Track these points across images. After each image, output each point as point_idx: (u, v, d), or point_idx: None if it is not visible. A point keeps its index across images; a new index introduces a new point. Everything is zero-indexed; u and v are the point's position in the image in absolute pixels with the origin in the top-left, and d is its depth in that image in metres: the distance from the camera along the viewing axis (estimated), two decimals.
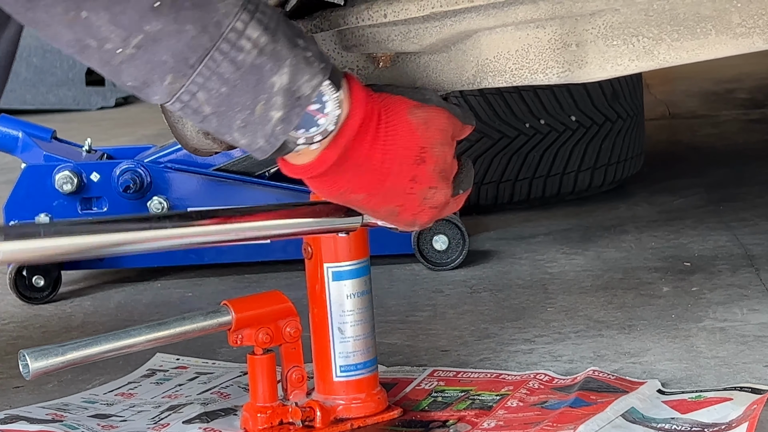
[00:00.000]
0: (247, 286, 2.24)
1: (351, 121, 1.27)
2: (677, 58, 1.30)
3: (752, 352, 1.70)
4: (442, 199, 1.36)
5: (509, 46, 1.34)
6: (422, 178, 1.33)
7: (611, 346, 1.77)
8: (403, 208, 1.34)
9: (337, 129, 1.26)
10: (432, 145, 1.32)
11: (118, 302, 2.21)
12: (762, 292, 1.97)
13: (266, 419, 1.50)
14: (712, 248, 2.26)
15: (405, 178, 1.32)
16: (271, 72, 1.18)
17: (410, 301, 2.08)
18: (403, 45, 1.34)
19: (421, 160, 1.32)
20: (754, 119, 3.64)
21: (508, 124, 2.61)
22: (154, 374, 1.77)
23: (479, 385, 1.62)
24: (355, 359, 1.54)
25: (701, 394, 1.53)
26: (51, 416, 1.60)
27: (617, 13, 1.29)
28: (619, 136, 2.74)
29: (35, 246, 1.23)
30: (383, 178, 1.31)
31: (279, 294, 1.53)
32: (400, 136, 1.30)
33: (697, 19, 1.28)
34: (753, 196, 2.62)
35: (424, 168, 1.32)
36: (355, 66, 1.39)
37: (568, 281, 2.13)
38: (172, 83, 1.16)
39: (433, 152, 1.32)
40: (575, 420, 1.45)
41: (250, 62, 1.17)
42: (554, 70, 1.32)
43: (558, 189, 2.69)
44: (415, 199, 1.34)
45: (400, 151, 1.31)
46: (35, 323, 2.12)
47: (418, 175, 1.32)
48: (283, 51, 1.19)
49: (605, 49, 1.30)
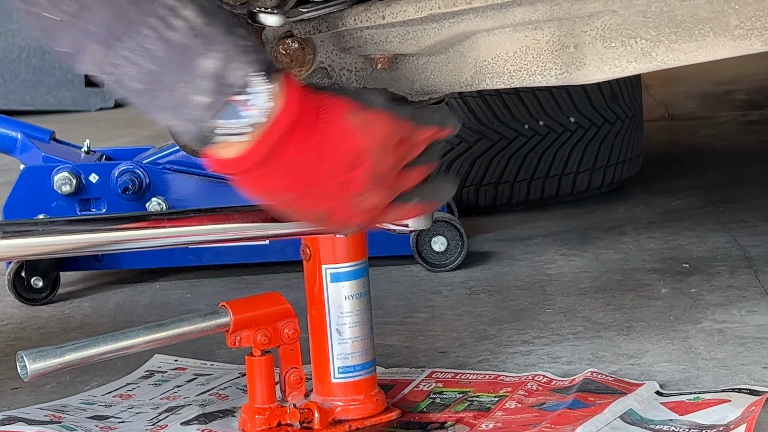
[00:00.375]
0: (245, 287, 2.24)
1: (282, 117, 1.21)
2: (675, 59, 1.30)
3: (750, 353, 1.70)
4: (376, 203, 1.30)
5: (507, 47, 1.34)
6: (354, 182, 1.27)
7: (609, 348, 1.77)
8: (333, 211, 1.29)
9: (268, 124, 1.21)
10: (368, 150, 1.26)
11: (117, 303, 2.21)
12: (760, 294, 1.97)
13: (264, 421, 1.50)
14: (711, 250, 2.26)
15: (336, 182, 1.27)
16: (200, 54, 1.16)
17: (409, 303, 2.08)
18: (401, 47, 1.34)
19: (355, 165, 1.26)
20: (752, 120, 3.64)
21: (507, 125, 2.62)
22: (152, 375, 1.77)
23: (477, 387, 1.62)
24: (354, 360, 1.54)
25: (699, 396, 1.53)
26: (49, 417, 1.60)
27: (615, 15, 1.30)
28: (618, 137, 2.74)
29: (31, 243, 1.23)
30: (313, 179, 1.26)
31: (277, 295, 1.53)
32: (334, 138, 1.25)
33: (695, 20, 1.28)
34: (752, 198, 2.62)
35: (357, 173, 1.27)
36: (353, 67, 1.39)
37: (566, 282, 2.13)
38: (98, 53, 1.15)
39: (368, 157, 1.26)
40: (573, 422, 1.45)
41: (179, 41, 1.15)
42: (552, 71, 1.32)
43: (557, 190, 2.69)
44: (345, 203, 1.28)
45: (334, 154, 1.25)
46: (34, 324, 2.12)
47: (350, 180, 1.27)
48: (217, 36, 1.16)
49: (603, 50, 1.31)
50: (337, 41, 1.37)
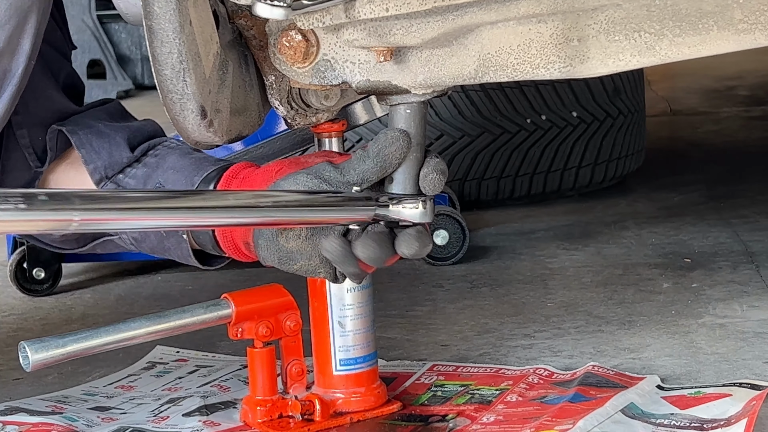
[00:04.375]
0: (247, 279, 2.24)
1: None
2: (679, 53, 1.29)
3: (752, 348, 1.70)
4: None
5: (511, 40, 1.33)
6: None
7: (611, 342, 1.77)
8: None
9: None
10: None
11: (119, 295, 2.21)
12: (762, 289, 1.97)
13: (266, 412, 1.50)
14: (713, 245, 2.26)
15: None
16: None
17: (410, 296, 2.08)
18: (404, 39, 1.34)
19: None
20: (755, 116, 3.64)
21: (510, 119, 2.61)
22: (154, 367, 1.77)
23: (479, 380, 1.62)
24: (355, 353, 1.54)
25: (700, 390, 1.53)
26: (51, 408, 1.60)
27: (619, 9, 1.29)
28: (620, 132, 2.74)
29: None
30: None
31: (279, 287, 1.53)
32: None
33: (699, 14, 1.28)
34: (753, 193, 2.63)
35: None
36: (357, 60, 1.38)
37: (568, 277, 2.13)
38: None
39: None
40: (574, 415, 1.45)
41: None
42: (556, 65, 1.32)
43: (559, 185, 2.69)
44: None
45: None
46: (36, 315, 2.12)
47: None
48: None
49: (607, 44, 1.30)
50: (340, 34, 1.37)
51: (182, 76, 1.34)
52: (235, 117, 1.44)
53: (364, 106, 1.72)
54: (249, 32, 1.45)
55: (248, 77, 1.46)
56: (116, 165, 1.54)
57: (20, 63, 1.45)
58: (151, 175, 1.52)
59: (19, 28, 1.43)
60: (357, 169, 1.38)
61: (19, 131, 1.58)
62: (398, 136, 1.37)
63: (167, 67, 1.33)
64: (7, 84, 1.46)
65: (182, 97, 1.35)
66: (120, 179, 1.53)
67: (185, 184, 1.48)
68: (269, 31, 1.41)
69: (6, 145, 1.59)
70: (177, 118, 1.38)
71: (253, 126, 1.48)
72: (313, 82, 1.41)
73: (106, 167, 1.54)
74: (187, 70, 1.33)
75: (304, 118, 1.51)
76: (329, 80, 1.40)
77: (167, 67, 1.33)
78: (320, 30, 1.38)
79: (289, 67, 1.41)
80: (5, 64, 1.44)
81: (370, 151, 1.37)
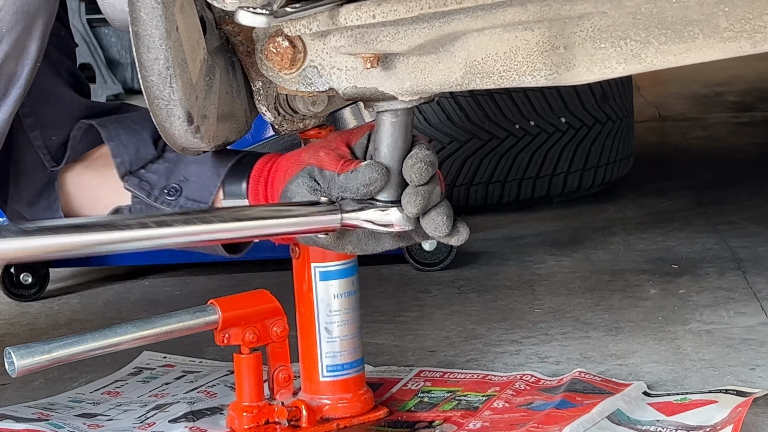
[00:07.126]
0: (235, 284, 2.24)
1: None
2: (665, 61, 1.30)
3: (738, 354, 1.71)
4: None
5: (498, 48, 1.33)
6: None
7: (598, 348, 1.77)
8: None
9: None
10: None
11: (106, 300, 2.21)
12: (749, 295, 1.98)
13: (252, 418, 1.50)
14: (700, 251, 2.27)
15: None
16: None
17: (398, 302, 2.08)
18: (391, 46, 1.34)
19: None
20: (743, 122, 3.65)
21: (498, 125, 2.62)
22: (140, 372, 1.77)
23: (466, 386, 1.62)
24: (342, 359, 1.54)
25: (687, 397, 1.53)
26: (37, 415, 1.60)
27: (605, 16, 1.29)
28: (609, 138, 2.74)
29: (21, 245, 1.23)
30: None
31: (266, 293, 1.53)
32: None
33: (685, 22, 1.28)
34: (741, 199, 2.63)
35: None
36: (343, 66, 1.39)
37: (556, 283, 2.13)
38: None
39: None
40: (561, 421, 1.45)
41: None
42: (542, 72, 1.32)
43: (547, 190, 2.70)
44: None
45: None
46: (22, 320, 2.12)
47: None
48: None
49: (593, 51, 1.30)
50: (327, 40, 1.37)
51: (169, 82, 1.34)
52: (222, 123, 1.44)
53: (353, 112, 1.72)
54: (236, 38, 1.45)
55: (235, 83, 1.46)
56: (141, 160, 1.55)
57: (26, 66, 1.45)
58: (173, 170, 1.53)
59: (26, 32, 1.43)
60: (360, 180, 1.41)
61: (32, 133, 1.59)
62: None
63: (154, 73, 1.33)
64: (13, 87, 1.46)
65: (169, 103, 1.35)
66: (142, 174, 1.54)
67: (211, 176, 1.50)
68: (256, 37, 1.41)
69: (19, 147, 1.59)
70: (163, 124, 1.38)
71: (240, 132, 1.48)
72: (300, 89, 1.41)
73: (131, 162, 1.54)
74: (174, 76, 1.33)
75: (291, 124, 1.51)
76: (316, 86, 1.41)
77: (154, 73, 1.33)
78: (307, 36, 1.38)
79: (276, 74, 1.41)
80: (12, 67, 1.44)
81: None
